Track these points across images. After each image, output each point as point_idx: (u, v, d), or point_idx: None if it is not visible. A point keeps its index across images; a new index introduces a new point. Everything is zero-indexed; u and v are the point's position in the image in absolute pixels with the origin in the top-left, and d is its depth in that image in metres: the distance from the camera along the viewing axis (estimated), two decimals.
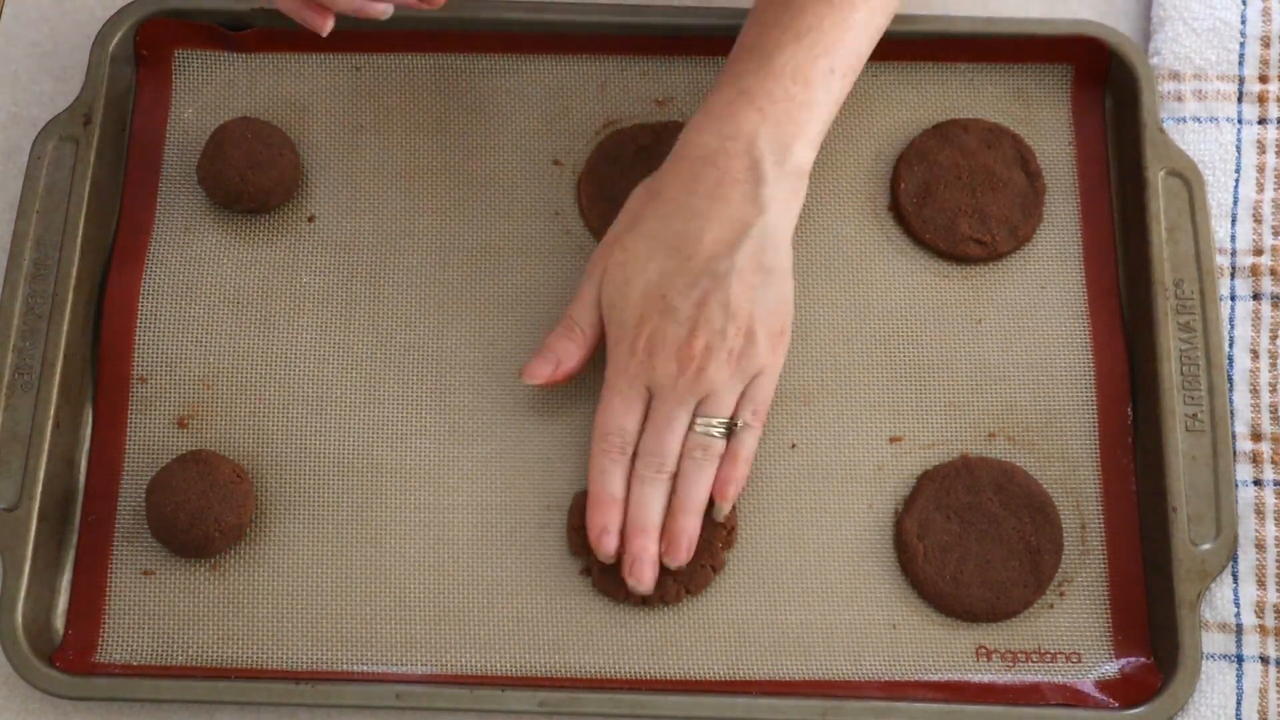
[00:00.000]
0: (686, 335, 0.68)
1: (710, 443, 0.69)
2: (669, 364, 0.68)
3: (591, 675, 0.70)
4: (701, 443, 0.69)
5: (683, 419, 0.69)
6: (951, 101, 0.79)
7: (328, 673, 0.70)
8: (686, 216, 0.68)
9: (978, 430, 0.74)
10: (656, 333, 0.68)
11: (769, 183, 0.68)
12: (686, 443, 0.69)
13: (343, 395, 0.74)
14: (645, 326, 0.68)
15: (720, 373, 0.68)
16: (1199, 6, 0.79)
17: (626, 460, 0.70)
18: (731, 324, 0.68)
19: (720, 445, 0.69)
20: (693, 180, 0.68)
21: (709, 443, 0.69)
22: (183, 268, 0.76)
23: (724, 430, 0.69)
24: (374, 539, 0.72)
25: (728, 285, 0.68)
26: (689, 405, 0.69)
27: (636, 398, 0.69)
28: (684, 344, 0.68)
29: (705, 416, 0.69)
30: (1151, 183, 0.75)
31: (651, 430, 0.69)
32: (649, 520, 0.69)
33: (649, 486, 0.69)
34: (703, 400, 0.69)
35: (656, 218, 0.69)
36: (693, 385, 0.68)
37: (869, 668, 0.70)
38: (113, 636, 0.71)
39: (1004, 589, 0.70)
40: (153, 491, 0.70)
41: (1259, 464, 0.72)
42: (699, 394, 0.69)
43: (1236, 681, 0.69)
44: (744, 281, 0.68)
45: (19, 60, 0.81)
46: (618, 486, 0.69)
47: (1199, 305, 0.73)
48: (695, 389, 0.68)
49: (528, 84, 0.79)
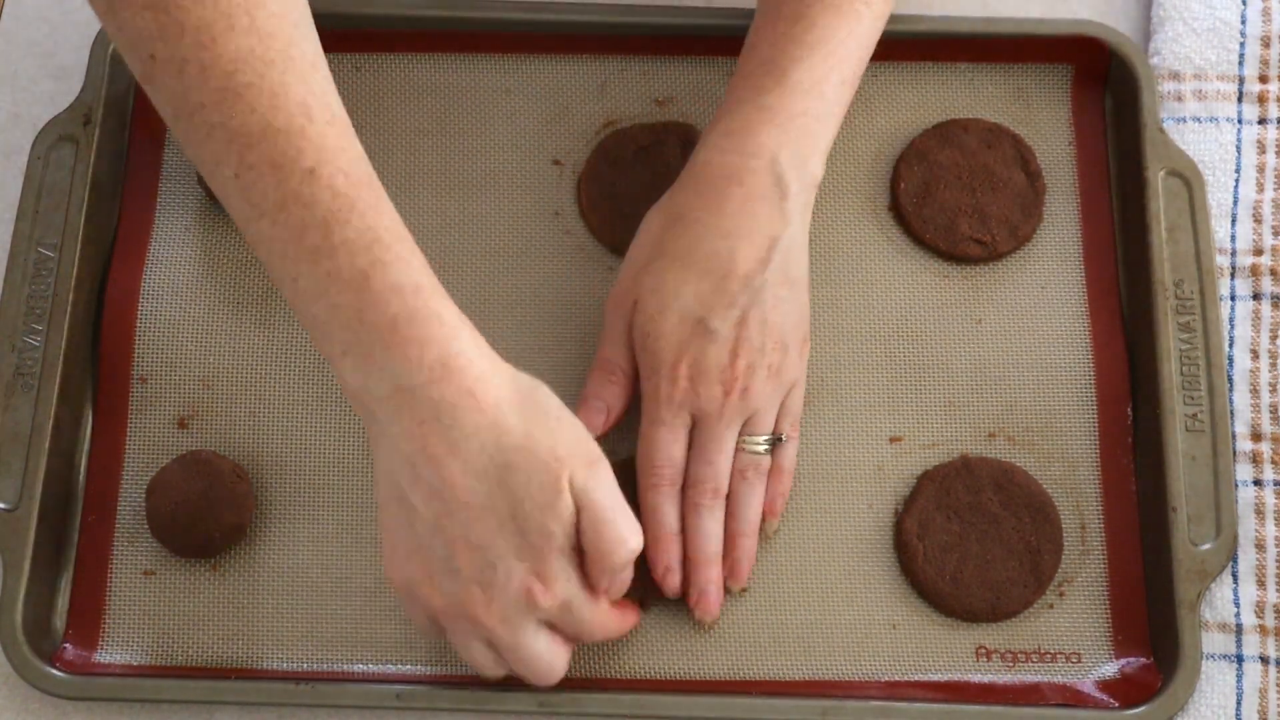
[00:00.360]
0: (729, 357, 0.67)
1: (760, 460, 0.69)
2: (714, 388, 0.67)
3: (591, 675, 0.70)
4: (752, 462, 0.69)
5: (731, 441, 0.68)
6: (951, 101, 0.79)
7: (328, 673, 0.70)
8: (716, 236, 0.67)
9: (978, 430, 0.74)
10: (699, 358, 0.67)
11: (792, 196, 0.67)
12: (736, 464, 0.69)
13: (343, 395, 0.74)
14: (686, 353, 0.67)
15: (764, 390, 0.68)
16: (1199, 6, 0.79)
17: (677, 491, 0.69)
18: (769, 339, 0.68)
19: (768, 461, 0.69)
20: (718, 199, 0.68)
21: (758, 461, 0.69)
22: (183, 268, 0.76)
23: (769, 446, 0.69)
24: (374, 539, 0.72)
25: (763, 301, 0.67)
26: (736, 427, 0.68)
27: (682, 427, 0.68)
28: (727, 366, 0.67)
29: (751, 435, 0.69)
30: (1151, 183, 0.75)
31: (701, 456, 0.68)
32: (713, 550, 0.68)
33: (707, 514, 0.68)
34: (747, 420, 0.69)
35: (683, 241, 0.68)
36: (740, 406, 0.68)
37: (869, 668, 0.70)
38: (113, 636, 0.71)
39: (1004, 589, 0.70)
40: (153, 491, 0.71)
41: (1259, 464, 0.72)
42: (745, 414, 0.68)
43: (1236, 681, 0.69)
44: (775, 295, 0.68)
45: (19, 60, 0.81)
46: (674, 519, 0.68)
47: (1199, 305, 0.73)
48: (742, 410, 0.68)
49: (528, 84, 0.79)
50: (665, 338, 0.68)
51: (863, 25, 0.69)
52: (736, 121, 0.68)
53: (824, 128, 0.69)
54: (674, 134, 0.77)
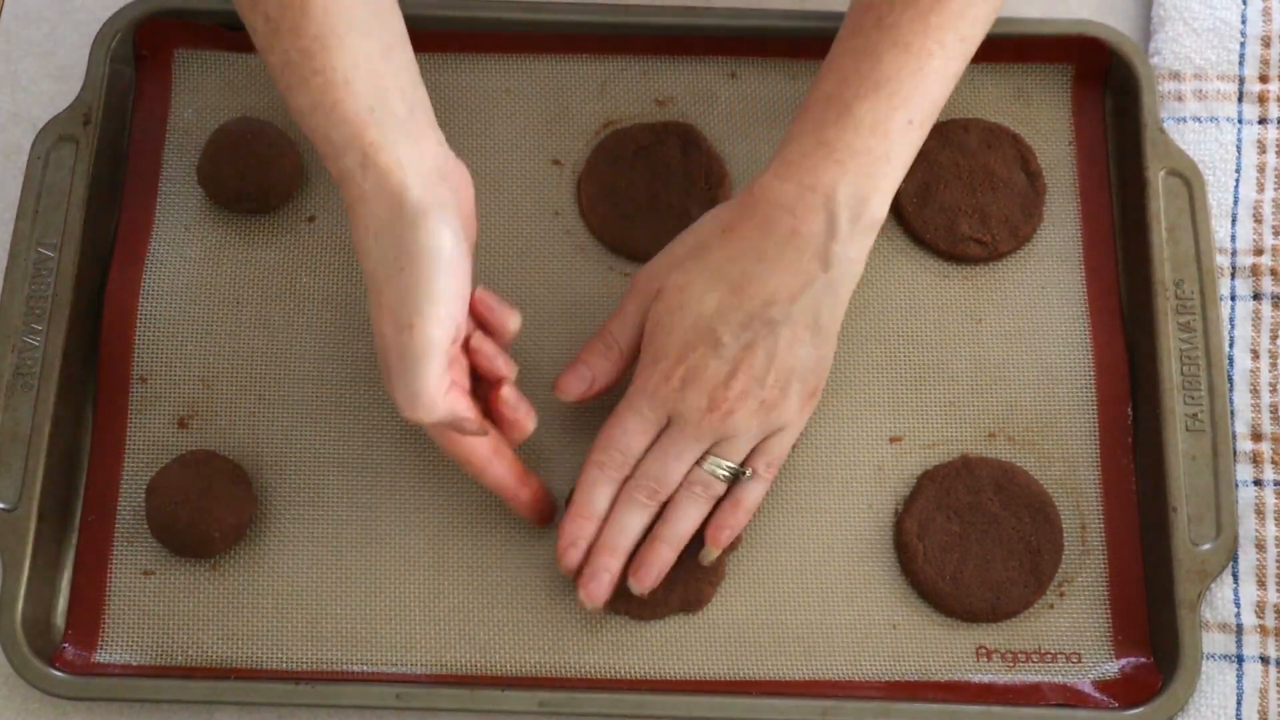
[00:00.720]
0: (726, 375, 0.67)
1: (712, 483, 0.69)
2: (700, 399, 0.67)
3: (591, 675, 0.70)
4: (704, 479, 0.68)
5: (694, 453, 0.68)
6: (951, 101, 0.79)
7: (328, 673, 0.70)
8: (754, 258, 0.67)
9: (978, 430, 0.74)
10: (698, 365, 0.67)
11: (840, 239, 0.66)
12: (688, 476, 0.69)
13: (343, 395, 0.74)
14: (688, 356, 0.67)
15: (747, 420, 0.68)
16: (1199, 6, 0.79)
17: (621, 480, 0.69)
18: (772, 374, 0.67)
19: (721, 488, 0.69)
20: (767, 225, 0.67)
21: (711, 482, 0.69)
22: (183, 268, 0.76)
23: (730, 475, 0.69)
24: (374, 539, 0.72)
25: (778, 335, 0.67)
26: (705, 443, 0.68)
27: (654, 422, 0.69)
28: (721, 383, 0.67)
29: (717, 457, 0.68)
30: (1151, 183, 0.75)
31: (657, 456, 0.68)
32: (620, 542, 0.68)
33: (634, 510, 0.68)
34: (719, 442, 0.68)
35: (724, 252, 0.68)
36: (717, 425, 0.68)
37: (869, 668, 0.70)
38: (113, 636, 0.71)
39: (1004, 589, 0.70)
40: (153, 491, 0.71)
41: (1259, 464, 0.72)
42: (720, 435, 0.68)
43: (1236, 681, 0.69)
44: (794, 335, 0.67)
45: (19, 60, 0.81)
46: (603, 502, 0.69)
47: (1199, 305, 0.73)
48: (718, 430, 0.68)
49: (528, 84, 0.79)
50: (674, 334, 0.68)
51: (933, 63, 0.67)
52: (795, 153, 0.67)
53: (887, 169, 0.67)
54: (674, 134, 0.77)
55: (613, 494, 0.69)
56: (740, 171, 0.77)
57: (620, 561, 0.68)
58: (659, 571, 0.68)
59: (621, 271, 0.76)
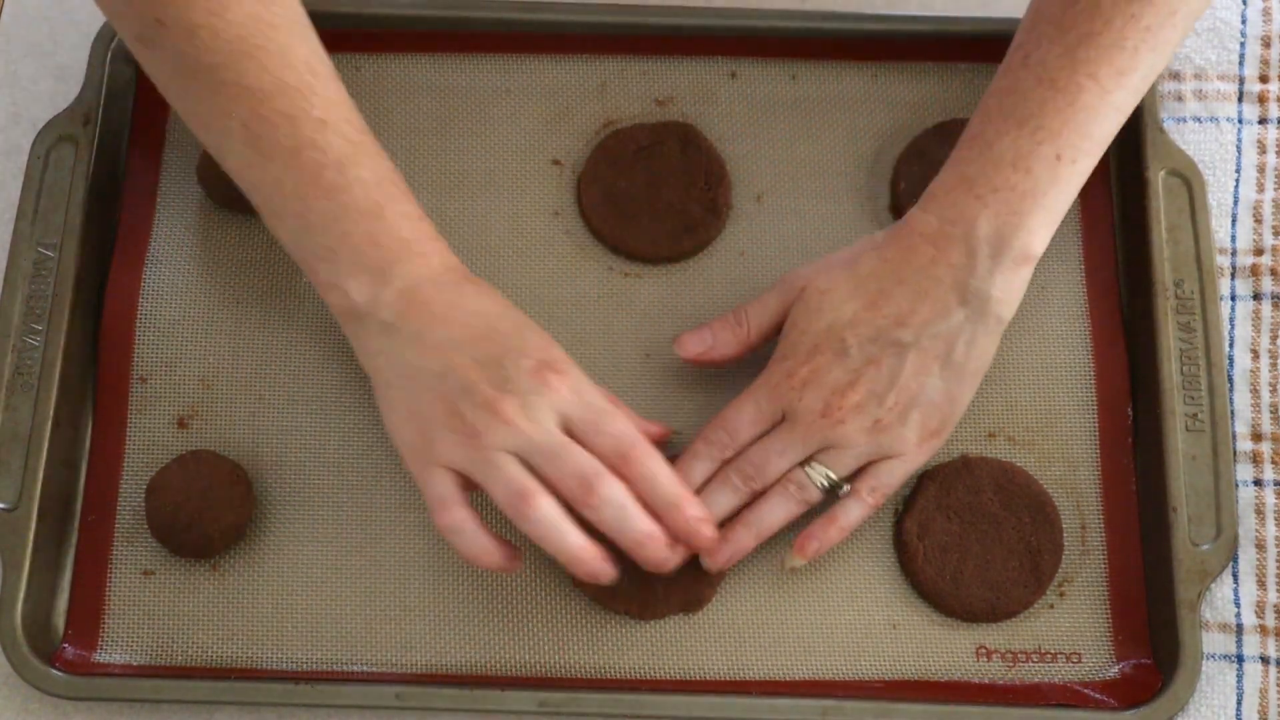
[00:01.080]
0: (846, 384, 0.67)
1: (808, 486, 0.68)
2: (816, 401, 0.67)
3: (591, 675, 0.70)
4: (801, 480, 0.68)
5: (798, 453, 0.68)
6: (951, 101, 0.79)
7: (328, 673, 0.70)
8: (895, 279, 0.67)
9: (978, 430, 0.74)
10: (822, 369, 0.68)
11: (979, 275, 0.66)
12: (786, 475, 0.69)
13: (342, 395, 0.74)
14: (815, 358, 0.68)
15: (858, 434, 0.68)
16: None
17: (722, 460, 0.69)
18: (892, 395, 0.67)
19: (816, 495, 0.69)
20: (910, 251, 0.68)
21: (807, 485, 0.68)
22: (183, 268, 0.76)
23: (830, 485, 0.68)
24: (374, 539, 0.72)
25: (905, 357, 0.67)
26: (811, 446, 0.68)
27: (769, 415, 0.69)
28: (840, 390, 0.67)
29: (821, 464, 0.68)
30: (1151, 183, 0.75)
31: (762, 446, 0.69)
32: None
33: (725, 490, 0.68)
34: (826, 450, 0.68)
35: (869, 267, 0.68)
36: (827, 431, 0.68)
37: (869, 668, 0.70)
38: (113, 636, 0.71)
39: (1004, 589, 0.70)
40: (153, 491, 0.71)
41: (1259, 464, 0.72)
42: (827, 442, 0.68)
43: (1237, 681, 0.69)
44: (922, 363, 0.67)
45: (19, 60, 0.81)
46: (700, 475, 0.69)
47: (1199, 305, 0.73)
48: (827, 436, 0.68)
49: (528, 84, 0.79)
50: (807, 335, 0.68)
51: (1084, 98, 0.66)
52: (940, 188, 0.68)
53: (1033, 204, 0.66)
54: (674, 134, 0.77)
55: (710, 470, 0.69)
56: (740, 171, 0.77)
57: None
58: (733, 554, 0.68)
59: (621, 271, 0.76)
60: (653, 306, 0.76)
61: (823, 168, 0.78)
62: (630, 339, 0.75)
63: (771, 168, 0.78)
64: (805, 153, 0.78)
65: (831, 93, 0.79)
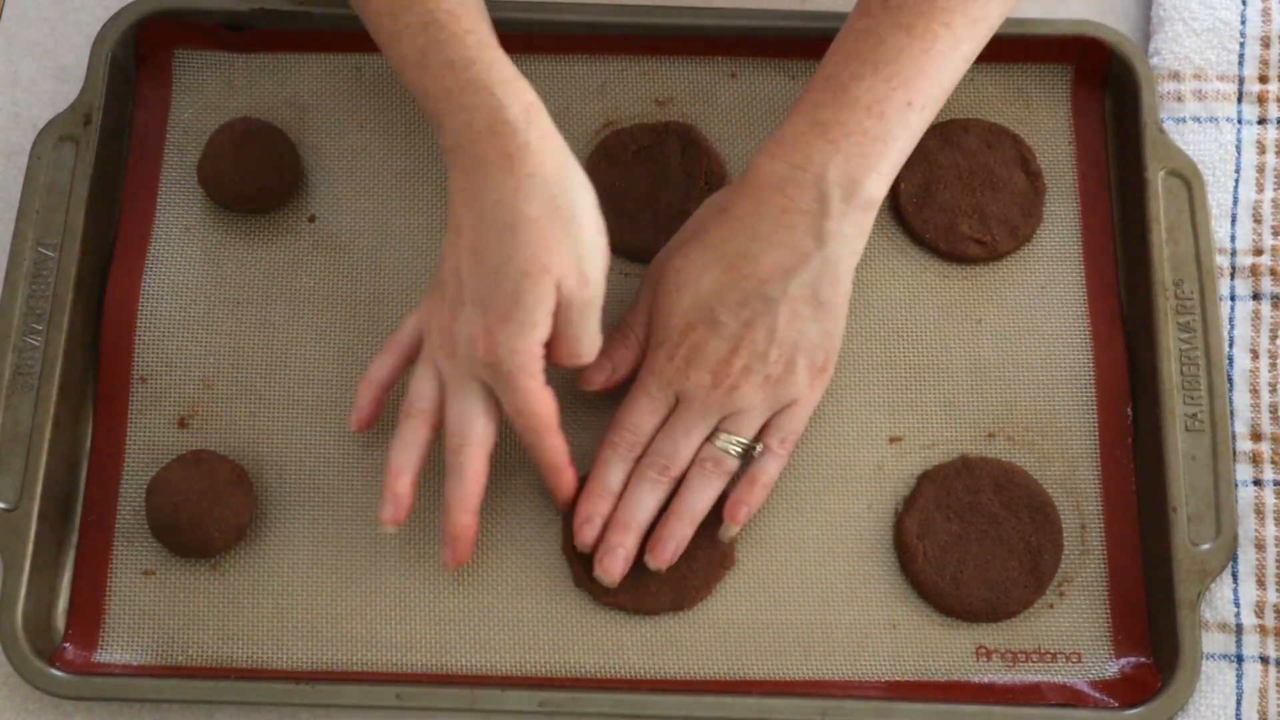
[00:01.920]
0: (728, 352, 0.68)
1: (724, 459, 0.69)
2: (704, 376, 0.68)
3: (591, 675, 0.70)
4: (715, 455, 0.69)
5: (702, 430, 0.69)
6: (951, 101, 0.79)
7: (328, 673, 0.70)
8: (749, 238, 0.68)
9: (978, 430, 0.74)
10: (700, 344, 0.68)
11: (833, 217, 0.67)
12: (700, 454, 0.69)
13: (343, 395, 0.74)
14: (689, 336, 0.68)
15: (753, 395, 0.68)
16: (1199, 6, 0.79)
17: (633, 459, 0.70)
18: (774, 349, 0.68)
19: (733, 464, 0.69)
20: (759, 204, 0.68)
21: (722, 458, 0.69)
22: (183, 268, 0.76)
23: (742, 450, 0.69)
24: (374, 539, 0.72)
25: (776, 311, 0.67)
26: (712, 419, 0.69)
27: (663, 402, 0.69)
28: (723, 360, 0.68)
29: (727, 433, 0.69)
30: (1151, 183, 0.75)
31: (667, 434, 0.69)
32: (635, 518, 0.69)
33: (647, 485, 0.69)
34: (728, 418, 0.69)
35: (720, 233, 0.69)
36: (723, 401, 0.68)
37: (869, 668, 0.70)
38: (113, 636, 0.71)
39: (1004, 589, 0.70)
40: (153, 491, 0.71)
41: (1259, 464, 0.72)
42: (726, 410, 0.69)
43: (1236, 681, 0.69)
44: (794, 311, 0.68)
45: (19, 60, 0.81)
46: (616, 480, 0.70)
47: (1199, 305, 0.73)
48: (724, 405, 0.68)
49: None
50: (676, 316, 0.69)
51: (938, 46, 0.67)
52: (790, 131, 0.68)
53: (884, 149, 0.67)
54: (674, 134, 0.77)
55: (626, 472, 0.70)
56: (740, 171, 0.77)
57: (635, 538, 0.69)
58: (676, 547, 0.69)
59: (621, 271, 0.76)
60: None
61: None
62: None
63: None
64: None
65: None
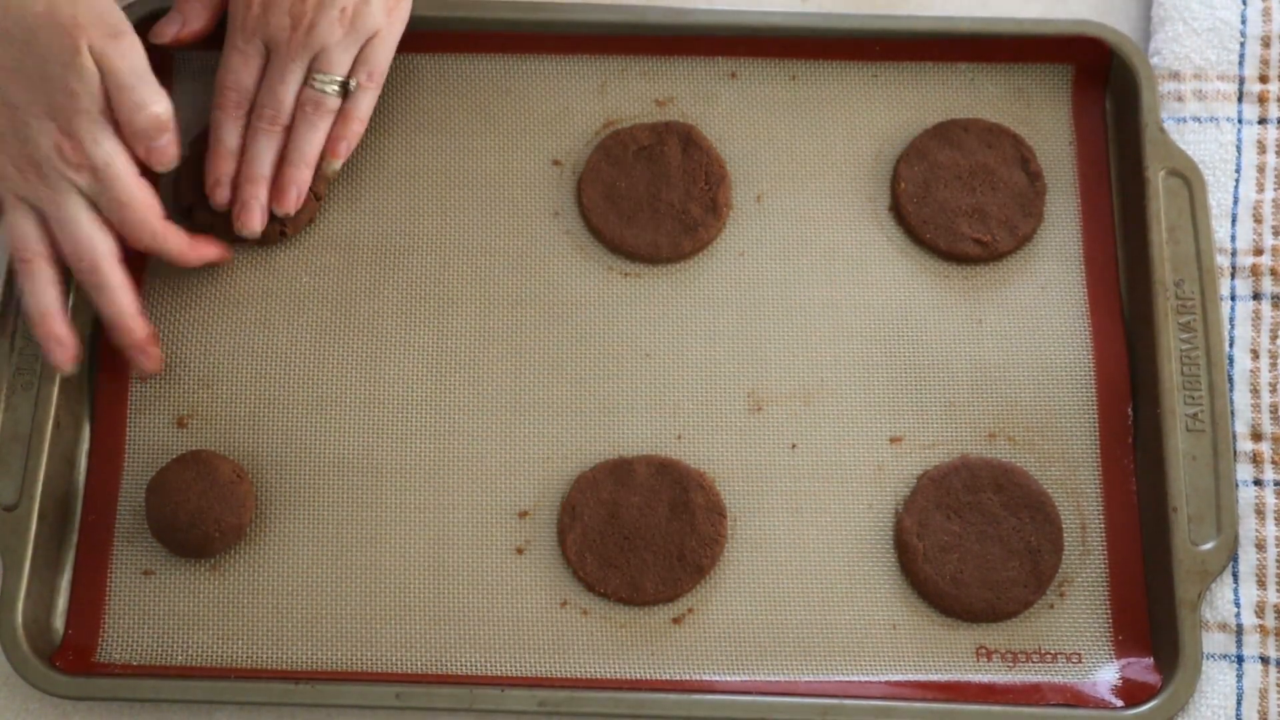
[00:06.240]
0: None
1: (322, 99, 0.73)
2: (282, 18, 0.71)
3: (591, 675, 0.70)
4: (313, 98, 0.73)
5: (297, 75, 0.73)
6: (951, 101, 0.79)
7: (328, 673, 0.70)
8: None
9: (978, 430, 0.74)
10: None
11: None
12: (299, 98, 0.73)
13: (343, 395, 0.74)
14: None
15: (332, 31, 0.72)
16: (1199, 6, 0.79)
17: (243, 116, 0.74)
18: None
19: (333, 103, 0.74)
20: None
21: (320, 99, 0.73)
22: (183, 268, 0.76)
23: (339, 89, 0.73)
24: (374, 539, 0.72)
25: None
26: (303, 62, 0.73)
27: (255, 54, 0.73)
28: (298, 0, 0.71)
29: (320, 73, 0.73)
30: (1151, 183, 0.75)
31: (266, 84, 0.73)
32: (260, 171, 0.73)
33: (262, 138, 0.73)
34: (316, 58, 0.73)
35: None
36: (305, 41, 0.72)
37: (869, 668, 0.70)
38: (113, 636, 0.71)
39: (1004, 589, 0.70)
40: (153, 491, 0.71)
41: (1259, 464, 0.72)
42: (312, 50, 0.72)
43: (1237, 681, 0.69)
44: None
45: None
46: (233, 139, 0.73)
47: (1199, 305, 0.73)
48: (308, 45, 0.72)
49: (528, 84, 0.79)
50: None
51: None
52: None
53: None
54: (674, 134, 0.77)
55: (240, 130, 0.74)
56: (740, 171, 0.77)
57: (263, 188, 0.73)
58: (298, 192, 0.74)
59: (621, 271, 0.76)
60: (653, 307, 0.76)
61: (823, 168, 0.78)
62: (630, 339, 0.75)
63: (771, 168, 0.78)
64: (805, 153, 0.78)
65: (831, 93, 0.79)
